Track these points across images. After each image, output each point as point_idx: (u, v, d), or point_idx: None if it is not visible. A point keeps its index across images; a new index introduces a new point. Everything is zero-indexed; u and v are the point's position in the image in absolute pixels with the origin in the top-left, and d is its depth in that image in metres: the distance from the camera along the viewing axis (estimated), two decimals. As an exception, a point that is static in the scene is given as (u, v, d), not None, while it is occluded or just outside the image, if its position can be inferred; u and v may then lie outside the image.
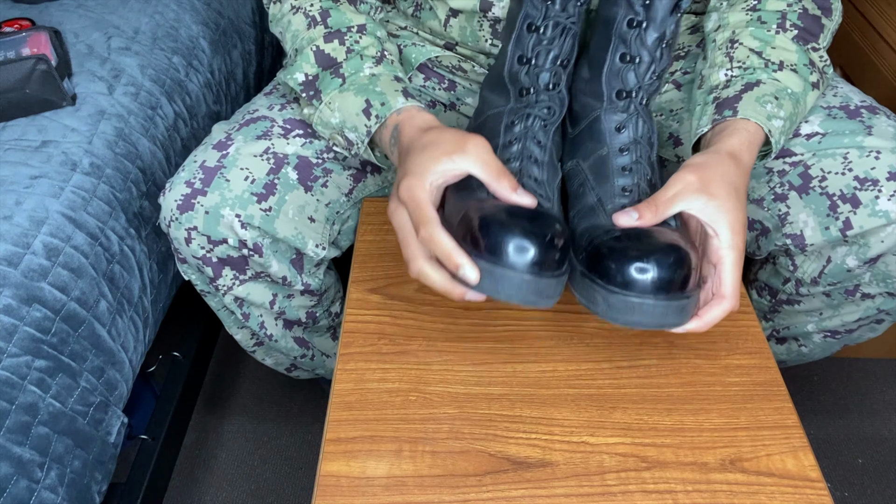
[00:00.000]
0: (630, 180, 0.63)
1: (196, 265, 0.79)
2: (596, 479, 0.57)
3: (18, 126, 0.89)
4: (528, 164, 0.63)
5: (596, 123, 0.66)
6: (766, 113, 0.66)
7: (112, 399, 0.83)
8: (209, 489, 1.10)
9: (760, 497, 0.55)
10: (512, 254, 0.54)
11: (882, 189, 0.69)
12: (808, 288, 0.79)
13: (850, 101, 0.75)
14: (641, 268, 0.55)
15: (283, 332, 0.90)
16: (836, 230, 0.71)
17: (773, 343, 0.94)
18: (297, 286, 0.83)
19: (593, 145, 0.66)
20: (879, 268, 0.74)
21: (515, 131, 0.65)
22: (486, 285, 0.56)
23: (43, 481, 0.71)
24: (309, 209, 0.78)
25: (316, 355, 0.97)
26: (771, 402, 0.62)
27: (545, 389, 0.63)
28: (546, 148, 0.65)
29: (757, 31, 0.70)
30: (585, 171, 0.65)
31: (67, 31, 1.05)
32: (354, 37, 0.74)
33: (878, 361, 1.26)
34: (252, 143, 0.76)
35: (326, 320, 0.93)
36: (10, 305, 0.71)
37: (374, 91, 0.70)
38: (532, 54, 0.65)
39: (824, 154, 0.72)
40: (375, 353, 0.66)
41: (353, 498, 0.56)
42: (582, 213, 0.64)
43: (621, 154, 0.64)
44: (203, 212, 0.74)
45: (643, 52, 0.63)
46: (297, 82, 0.75)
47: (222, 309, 0.87)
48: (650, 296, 0.55)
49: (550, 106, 0.66)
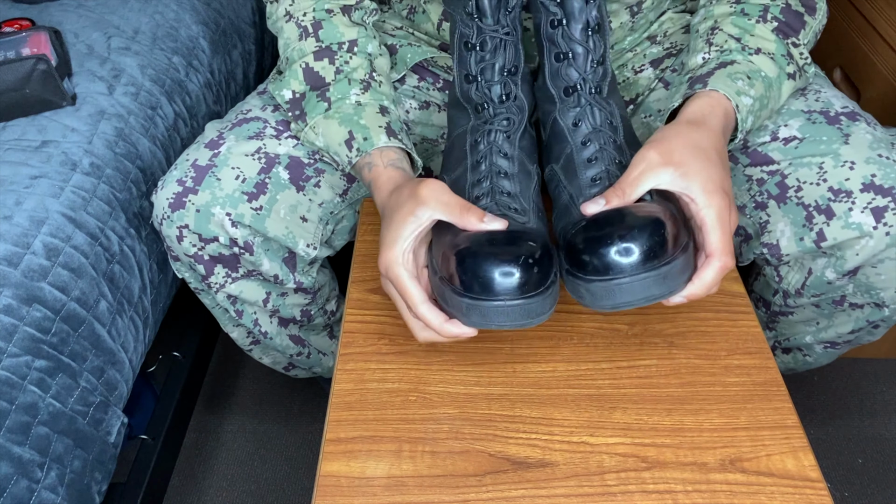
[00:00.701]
0: (597, 169, 0.63)
1: (188, 263, 0.79)
2: (596, 479, 0.57)
3: (18, 126, 0.89)
4: (498, 179, 0.64)
5: (555, 125, 0.66)
6: (735, 88, 0.66)
7: (112, 399, 0.83)
8: (209, 489, 1.10)
9: (760, 497, 0.55)
10: (493, 285, 0.55)
11: (856, 201, 0.68)
12: (794, 299, 0.79)
13: (831, 106, 0.74)
14: (608, 248, 0.55)
15: (279, 329, 0.90)
16: (810, 241, 0.71)
17: (780, 353, 0.94)
18: (290, 284, 0.83)
19: (560, 146, 0.66)
20: (860, 279, 0.73)
21: (480, 149, 0.65)
22: (476, 320, 0.57)
23: (43, 481, 0.71)
24: (301, 209, 0.78)
25: (312, 353, 0.97)
26: (771, 402, 0.62)
27: (545, 389, 0.63)
28: (513, 158, 0.65)
29: (738, 19, 0.71)
30: (558, 173, 0.66)
31: (67, 31, 1.05)
32: (345, 56, 0.74)
33: (878, 361, 1.26)
34: (244, 142, 0.77)
35: (322, 318, 0.93)
36: (10, 305, 0.71)
37: (357, 123, 0.71)
38: (476, 71, 0.66)
39: (800, 163, 0.71)
40: (375, 353, 0.66)
41: (353, 498, 0.56)
42: (559, 213, 0.64)
43: (584, 147, 0.64)
44: (194, 210, 0.74)
45: (574, 45, 0.64)
46: (283, 99, 0.75)
47: (216, 307, 0.87)
48: (625, 273, 0.55)
49: (509, 117, 0.66)
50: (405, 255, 0.59)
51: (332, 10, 0.75)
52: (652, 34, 0.86)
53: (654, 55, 0.85)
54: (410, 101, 0.85)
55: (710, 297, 0.71)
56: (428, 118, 0.86)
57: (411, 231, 0.59)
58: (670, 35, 0.86)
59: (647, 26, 0.86)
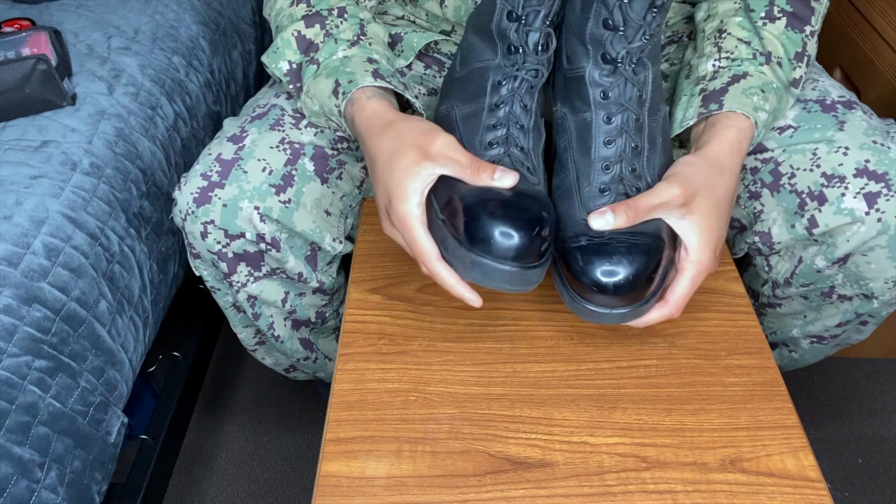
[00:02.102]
0: (612, 151, 0.62)
1: (210, 260, 0.77)
2: (596, 479, 0.57)
3: (18, 126, 0.89)
4: (515, 130, 0.63)
5: (582, 84, 0.64)
6: (752, 104, 0.66)
7: (112, 399, 0.83)
8: (209, 489, 1.10)
9: (760, 497, 0.55)
10: (503, 249, 0.56)
11: (849, 186, 0.67)
12: (782, 289, 0.79)
13: (827, 95, 0.74)
14: (601, 288, 0.58)
15: (291, 332, 0.89)
16: (801, 228, 0.70)
17: None
18: (312, 283, 0.81)
19: (579, 104, 0.64)
20: (850, 268, 0.72)
21: (503, 93, 0.64)
22: (476, 277, 0.58)
23: (43, 481, 0.71)
24: (325, 202, 0.77)
25: (319, 358, 0.97)
26: (771, 402, 0.62)
27: (545, 389, 0.63)
28: (531, 111, 0.64)
29: (744, 20, 0.70)
30: (571, 132, 0.64)
31: (67, 31, 1.05)
32: (335, 21, 0.73)
33: (878, 361, 1.26)
34: (267, 133, 0.75)
35: (334, 321, 0.93)
36: (10, 305, 0.71)
37: (343, 71, 0.69)
38: (523, 12, 0.63)
39: (794, 150, 0.71)
40: (375, 353, 0.66)
41: (353, 498, 0.56)
42: (561, 191, 0.64)
43: (606, 123, 0.63)
44: (221, 205, 0.72)
45: (629, 17, 0.60)
46: (282, 72, 0.74)
47: (230, 307, 0.86)
48: (609, 308, 0.59)
49: (538, 69, 0.64)
50: (420, 208, 0.58)
51: None
52: None
53: None
54: (419, 86, 0.85)
55: (710, 297, 0.71)
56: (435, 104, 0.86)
57: (422, 183, 0.58)
58: (672, 25, 0.85)
59: None
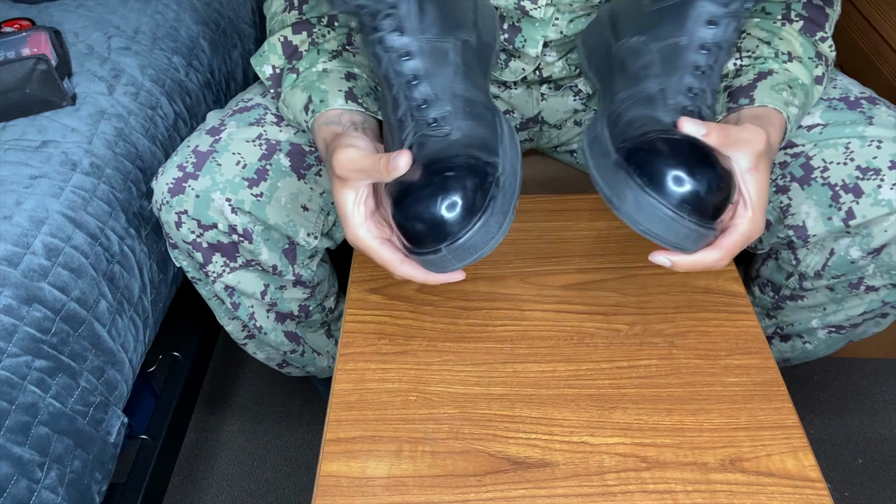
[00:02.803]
0: (701, 83, 0.57)
1: (186, 250, 0.79)
2: (596, 479, 0.57)
3: (18, 126, 0.89)
4: (408, 90, 0.56)
5: (687, 5, 0.58)
6: (782, 100, 0.66)
7: (112, 399, 0.83)
8: (209, 489, 1.10)
9: (760, 497, 0.55)
10: (428, 238, 0.52)
11: (885, 178, 0.68)
12: (811, 282, 0.79)
13: (849, 92, 0.75)
14: (690, 180, 0.50)
15: (275, 324, 0.90)
16: (838, 220, 0.71)
17: (777, 341, 0.93)
18: (289, 277, 0.82)
19: (672, 29, 0.59)
20: (883, 259, 0.73)
21: (382, 66, 0.58)
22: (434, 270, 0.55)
23: (43, 481, 0.71)
24: (302, 197, 0.78)
25: (307, 352, 0.97)
26: (771, 402, 0.62)
27: (545, 389, 0.63)
28: (415, 49, 0.56)
29: (763, 21, 0.71)
30: (654, 54, 0.60)
31: (67, 31, 1.05)
32: (323, 30, 0.73)
33: (878, 361, 1.26)
34: (245, 128, 0.76)
35: (320, 315, 0.93)
36: (10, 305, 0.71)
37: (317, 88, 0.69)
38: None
39: (826, 144, 0.72)
40: (375, 353, 0.66)
41: (353, 498, 0.56)
42: (637, 98, 0.58)
43: (700, 51, 0.58)
44: (194, 195, 0.73)
45: None
46: (265, 76, 0.75)
47: (213, 298, 0.87)
48: (684, 214, 0.51)
49: (395, 4, 0.56)
50: (363, 227, 0.58)
51: None
52: None
53: None
54: None
55: (710, 297, 0.71)
56: None
57: (353, 205, 0.58)
58: None
59: None
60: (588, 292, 0.72)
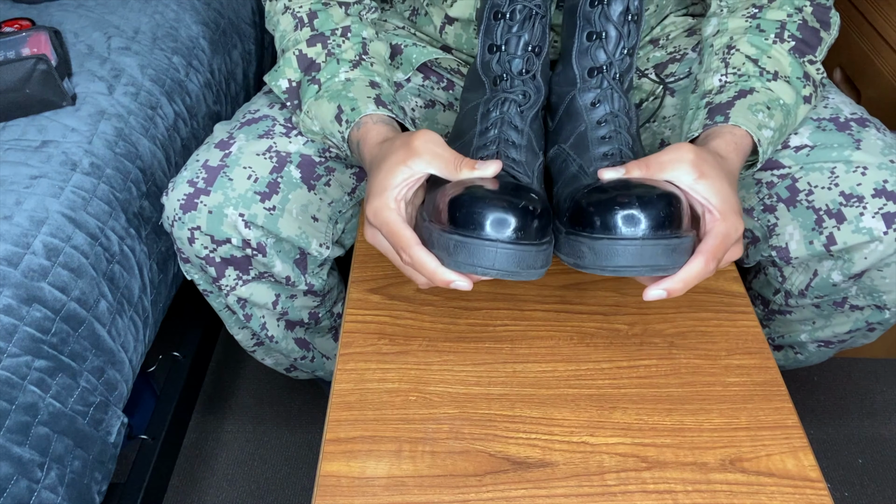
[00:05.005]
0: (611, 146, 0.62)
1: (199, 265, 0.79)
2: (596, 479, 0.57)
3: (18, 126, 0.89)
4: (506, 146, 0.62)
5: (572, 104, 0.66)
6: (756, 122, 0.65)
7: (112, 399, 0.83)
8: (209, 489, 1.10)
9: (760, 497, 0.55)
10: (485, 224, 0.52)
11: (867, 206, 0.68)
12: (796, 300, 0.80)
13: (840, 112, 0.74)
14: (625, 211, 0.53)
15: (285, 333, 0.90)
16: (819, 245, 0.71)
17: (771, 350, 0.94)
18: (301, 286, 0.82)
19: (572, 126, 0.65)
20: (865, 282, 0.73)
21: (492, 117, 0.64)
22: (463, 259, 0.53)
23: (43, 481, 0.71)
24: (312, 208, 0.78)
25: (316, 357, 0.97)
26: (771, 402, 0.62)
27: (545, 389, 0.63)
28: (523, 132, 0.64)
29: (754, 38, 0.70)
30: (567, 150, 0.65)
31: (67, 31, 1.05)
32: (337, 40, 0.74)
33: (878, 361, 1.26)
34: (254, 141, 0.76)
35: (328, 321, 0.93)
36: (10, 305, 0.71)
37: (346, 97, 0.69)
38: (502, 41, 0.65)
39: (812, 167, 0.71)
40: (375, 353, 0.66)
41: (353, 498, 0.56)
42: (565, 183, 0.63)
43: (599, 126, 0.64)
44: (206, 211, 0.74)
45: (608, 27, 0.63)
46: (280, 90, 0.75)
47: (224, 309, 0.87)
48: (637, 238, 0.53)
49: (526, 91, 0.65)
50: (396, 201, 0.56)
51: (328, 2, 0.75)
52: (654, 38, 0.86)
53: (658, 59, 0.85)
54: (416, 98, 0.85)
55: (710, 297, 0.71)
56: (433, 116, 0.86)
57: (402, 179, 0.56)
58: (673, 39, 0.86)
59: (648, 31, 0.86)
60: (588, 292, 0.72)
